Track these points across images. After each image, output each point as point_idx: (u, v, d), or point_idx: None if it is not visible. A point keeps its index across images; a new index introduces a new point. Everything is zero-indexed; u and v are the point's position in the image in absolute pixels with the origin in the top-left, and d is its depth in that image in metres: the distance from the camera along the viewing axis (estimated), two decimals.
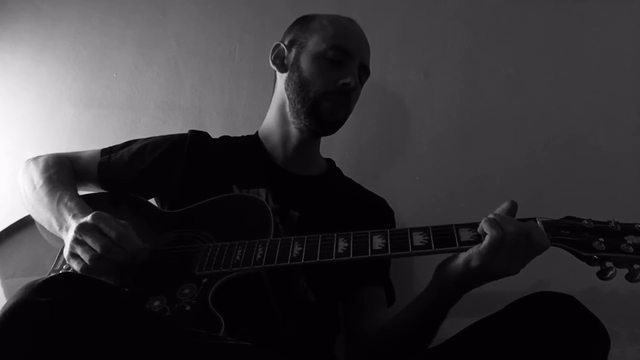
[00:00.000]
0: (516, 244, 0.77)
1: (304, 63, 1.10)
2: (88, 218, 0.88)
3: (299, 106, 1.09)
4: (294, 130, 1.13)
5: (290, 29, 1.18)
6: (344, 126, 1.50)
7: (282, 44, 1.16)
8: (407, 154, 1.52)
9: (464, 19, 1.59)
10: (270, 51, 1.17)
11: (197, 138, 1.16)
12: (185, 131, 1.19)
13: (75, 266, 0.88)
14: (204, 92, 1.63)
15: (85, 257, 0.86)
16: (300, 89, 1.09)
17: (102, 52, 1.68)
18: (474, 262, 0.78)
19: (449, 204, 1.44)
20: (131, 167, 1.12)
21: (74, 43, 1.70)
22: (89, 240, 0.86)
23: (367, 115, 1.56)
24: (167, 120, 1.61)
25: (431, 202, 1.45)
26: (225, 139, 1.22)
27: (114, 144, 1.19)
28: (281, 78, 1.15)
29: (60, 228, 0.95)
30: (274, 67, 1.17)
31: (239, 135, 1.24)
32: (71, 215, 0.94)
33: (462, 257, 0.80)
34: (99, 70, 1.67)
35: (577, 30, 1.55)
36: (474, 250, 0.79)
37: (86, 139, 1.61)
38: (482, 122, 1.51)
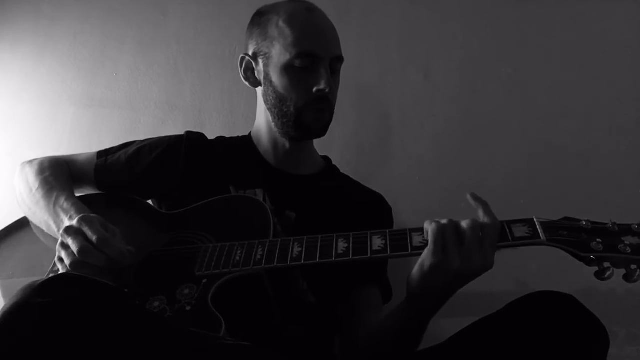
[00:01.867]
0: (459, 232, 0.77)
1: (275, 77, 1.06)
2: (74, 221, 0.87)
3: (284, 120, 1.07)
4: (281, 137, 1.12)
5: (249, 34, 1.13)
6: (343, 126, 1.51)
7: (247, 57, 1.11)
8: (407, 154, 1.52)
9: (464, 19, 1.59)
10: (239, 65, 1.13)
11: (193, 139, 1.16)
12: (184, 131, 1.19)
13: (62, 270, 0.87)
14: (204, 92, 1.63)
15: (67, 262, 0.85)
16: (280, 104, 1.06)
17: (102, 52, 1.68)
18: (427, 263, 0.79)
19: (448, 204, 1.43)
20: (128, 169, 1.12)
21: (74, 43, 1.70)
22: (70, 244, 0.85)
23: (366, 115, 1.57)
24: (167, 120, 1.61)
25: (431, 202, 1.45)
26: (220, 139, 1.22)
27: (112, 146, 1.18)
28: (258, 91, 1.13)
29: (58, 230, 0.94)
30: (246, 83, 1.14)
31: (236, 135, 1.24)
32: (67, 217, 0.94)
33: (418, 261, 0.81)
34: (99, 70, 1.67)
35: (576, 31, 1.55)
36: (424, 251, 0.79)
37: (86, 139, 1.62)
38: (481, 122, 1.51)
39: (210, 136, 1.21)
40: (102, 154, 1.15)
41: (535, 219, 0.81)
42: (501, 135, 1.50)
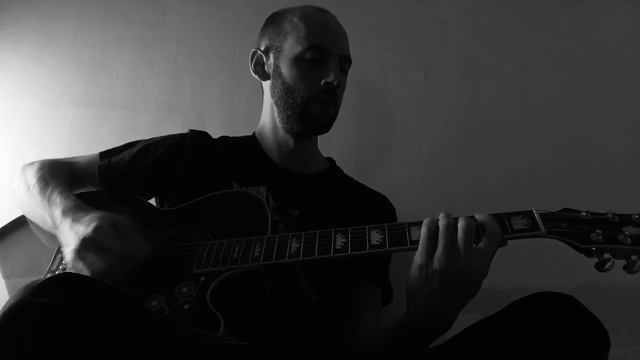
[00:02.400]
0: (452, 237, 0.77)
1: (284, 69, 1.09)
2: (89, 232, 0.85)
3: (289, 112, 1.09)
4: (285, 134, 1.13)
5: (263, 32, 1.17)
6: (343, 126, 1.51)
7: (259, 51, 1.15)
8: (407, 154, 1.52)
9: (464, 19, 1.59)
10: (249, 60, 1.16)
11: (197, 137, 1.16)
12: (185, 131, 1.19)
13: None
14: (204, 92, 1.63)
15: (91, 272, 0.85)
16: (286, 95, 1.08)
17: (102, 52, 1.68)
18: (416, 261, 0.79)
19: (449, 203, 1.43)
20: (133, 168, 1.11)
21: (74, 43, 1.70)
22: (92, 259, 0.84)
23: (367, 115, 1.56)
24: (167, 120, 1.61)
25: (431, 202, 1.45)
26: (224, 139, 1.22)
27: (113, 146, 1.18)
28: (266, 85, 1.15)
29: (54, 225, 0.95)
30: (256, 76, 1.16)
31: (238, 135, 1.24)
32: (59, 211, 0.93)
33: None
34: (99, 70, 1.67)
35: (577, 30, 1.55)
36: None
37: (86, 139, 1.61)
38: (482, 122, 1.51)
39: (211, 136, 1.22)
40: (105, 154, 1.15)
41: (534, 211, 0.80)
42: (501, 135, 1.50)
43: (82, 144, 1.59)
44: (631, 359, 1.23)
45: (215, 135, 1.22)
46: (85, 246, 0.85)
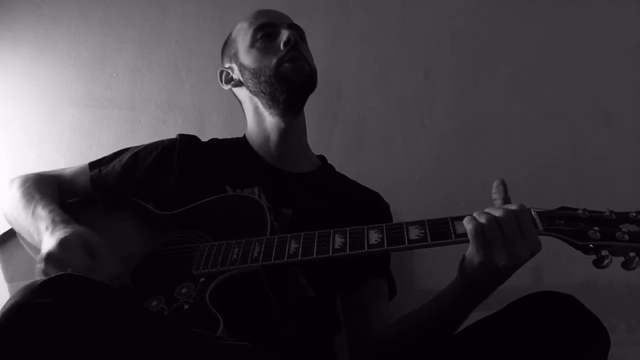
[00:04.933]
0: (500, 229, 0.76)
1: (245, 60, 1.13)
2: (54, 246, 0.84)
3: (267, 88, 1.10)
4: (273, 120, 1.13)
5: (222, 57, 1.24)
6: (343, 126, 1.51)
7: (224, 70, 1.21)
8: (407, 154, 1.52)
9: (464, 19, 1.59)
10: (219, 81, 1.21)
11: (187, 141, 1.16)
12: (186, 131, 1.19)
13: None
14: (204, 92, 1.63)
15: None
16: (257, 77, 1.10)
17: (102, 52, 1.69)
18: (469, 258, 0.78)
19: (448, 203, 1.43)
20: (125, 177, 1.11)
21: (74, 43, 1.70)
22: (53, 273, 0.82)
23: (366, 114, 1.56)
24: (167, 120, 1.61)
25: (431, 201, 1.45)
26: (214, 141, 1.22)
27: (111, 146, 1.18)
28: (240, 90, 1.18)
29: (40, 240, 0.92)
30: (228, 87, 1.20)
31: (236, 136, 1.24)
32: (44, 227, 0.92)
33: (466, 257, 0.80)
34: (99, 70, 1.67)
35: (577, 31, 1.55)
36: (469, 249, 0.79)
37: (86, 139, 1.61)
38: (481, 122, 1.52)
39: (210, 136, 1.22)
40: (94, 165, 1.14)
41: (532, 209, 0.80)
42: (501, 135, 1.50)
43: (82, 144, 1.60)
44: (630, 358, 1.23)
45: (213, 135, 1.22)
46: (49, 260, 0.84)
